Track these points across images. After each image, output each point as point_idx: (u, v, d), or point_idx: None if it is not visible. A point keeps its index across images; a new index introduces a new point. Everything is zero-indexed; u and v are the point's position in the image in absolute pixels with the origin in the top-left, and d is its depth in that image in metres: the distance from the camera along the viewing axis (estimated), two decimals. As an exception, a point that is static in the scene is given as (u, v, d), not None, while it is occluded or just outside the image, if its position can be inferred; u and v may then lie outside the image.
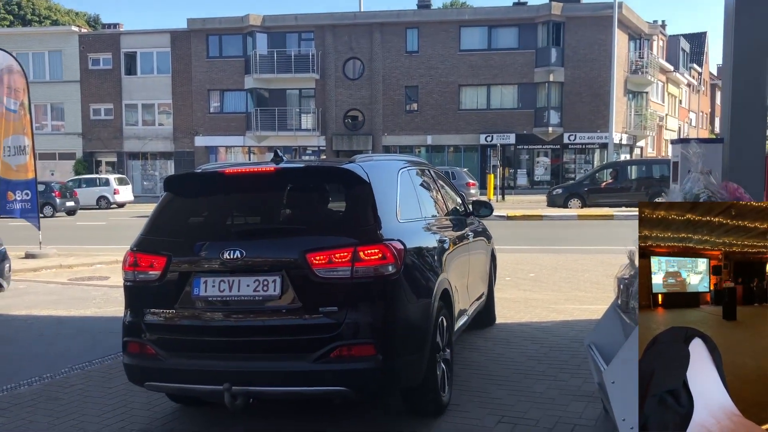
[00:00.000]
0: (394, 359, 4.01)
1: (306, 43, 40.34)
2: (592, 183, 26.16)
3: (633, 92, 41.22)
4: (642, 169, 26.57)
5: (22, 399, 5.25)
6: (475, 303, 6.25)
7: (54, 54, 42.83)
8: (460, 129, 38.93)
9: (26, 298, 9.74)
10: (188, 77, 41.45)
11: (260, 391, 4.02)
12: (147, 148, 42.78)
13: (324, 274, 3.94)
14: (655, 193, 24.95)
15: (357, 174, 4.30)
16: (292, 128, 40.69)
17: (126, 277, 4.39)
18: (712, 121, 68.54)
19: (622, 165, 27.32)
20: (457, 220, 6.02)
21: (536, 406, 4.73)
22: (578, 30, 37.41)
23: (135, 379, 4.34)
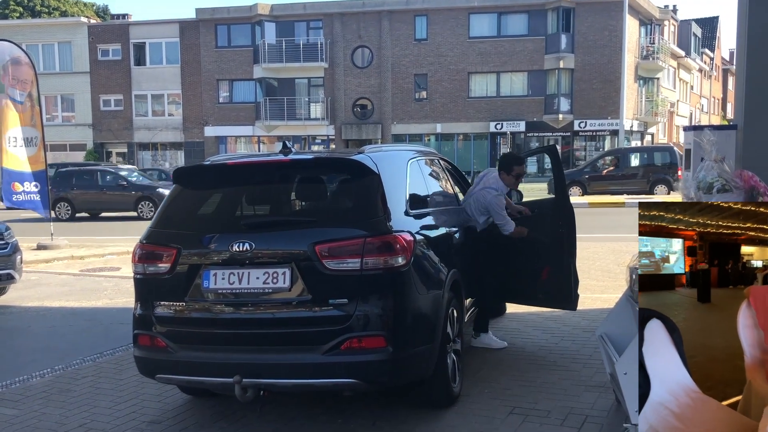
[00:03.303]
0: (404, 351, 4.00)
1: (314, 32, 40.21)
2: (593, 170, 25.92)
3: (644, 78, 40.88)
4: (644, 157, 26.30)
5: (35, 391, 5.28)
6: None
7: (63, 45, 42.90)
8: (470, 117, 38.76)
9: (38, 289, 9.80)
10: (197, 67, 41.44)
11: (270, 383, 4.00)
12: (157, 138, 42.87)
13: (333, 266, 3.92)
14: (657, 180, 24.76)
15: (366, 165, 4.26)
16: (301, 117, 40.64)
17: (136, 270, 4.39)
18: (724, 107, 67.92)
19: (624, 152, 27.06)
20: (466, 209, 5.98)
21: (548, 397, 4.71)
22: (588, 16, 37.08)
23: (146, 372, 4.35)
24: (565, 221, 5.66)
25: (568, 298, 5.72)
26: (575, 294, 5.77)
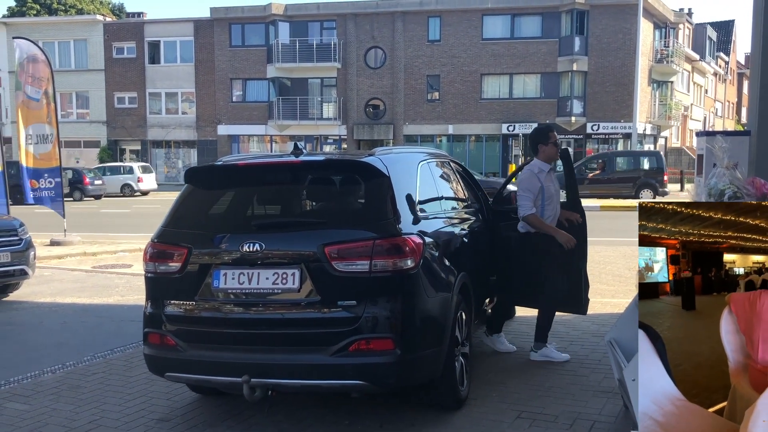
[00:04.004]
0: (412, 353, 4.01)
1: (328, 32, 40.26)
2: (579, 174, 25.85)
3: (657, 81, 40.64)
4: (630, 161, 26.36)
5: (46, 386, 5.33)
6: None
7: (79, 43, 43.21)
8: (482, 118, 38.68)
9: (51, 285, 9.88)
10: (211, 66, 41.61)
11: (279, 383, 4.03)
12: (170, 136, 43.09)
13: (342, 267, 3.94)
14: (643, 185, 24.67)
15: (376, 167, 4.28)
16: (314, 117, 40.71)
17: (147, 269, 4.42)
18: (738, 111, 67.40)
19: (610, 156, 27.09)
20: (477, 212, 5.98)
21: (555, 401, 4.70)
22: (602, 19, 36.92)
23: (155, 370, 4.38)
24: (577, 225, 5.65)
25: (579, 302, 5.70)
26: (586, 298, 5.75)
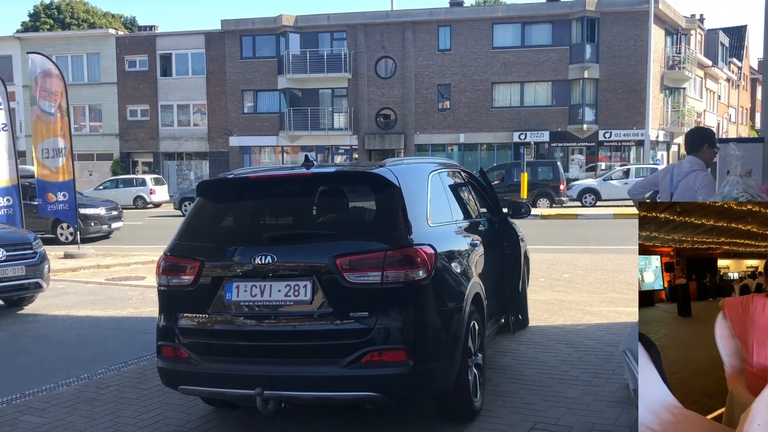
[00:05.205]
0: (425, 364, 3.99)
1: (338, 43, 40.43)
2: None
3: (670, 88, 40.48)
4: (528, 171, 26.59)
5: (61, 399, 5.35)
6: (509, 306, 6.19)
7: (92, 56, 43.63)
8: (493, 127, 38.65)
9: (65, 298, 9.95)
10: (222, 78, 41.88)
11: (292, 395, 4.03)
12: (182, 148, 43.34)
13: (354, 279, 3.94)
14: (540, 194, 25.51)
15: (387, 178, 4.28)
16: (325, 128, 40.83)
17: (160, 282, 4.44)
18: (752, 117, 66.96)
19: (509, 167, 27.47)
20: (489, 222, 5.97)
21: (570, 412, 4.67)
22: (613, 26, 36.85)
23: (169, 383, 4.39)
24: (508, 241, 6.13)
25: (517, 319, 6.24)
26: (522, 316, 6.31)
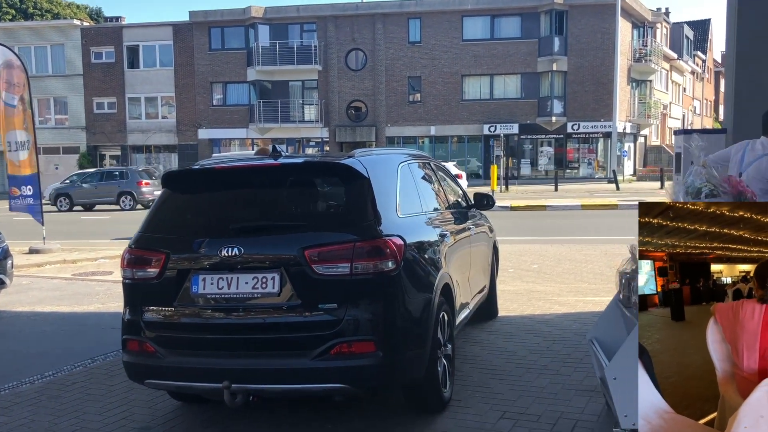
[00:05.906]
0: (394, 356, 3.99)
1: (308, 35, 40.22)
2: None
3: (637, 80, 41.02)
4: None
5: (25, 397, 5.24)
6: (477, 296, 6.22)
7: (56, 48, 42.81)
8: (464, 119, 38.82)
9: (30, 294, 9.75)
10: (191, 70, 41.40)
11: (260, 388, 4.00)
12: (150, 141, 42.79)
13: (323, 270, 3.91)
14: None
15: (356, 169, 4.26)
16: (295, 120, 40.63)
17: (125, 275, 4.38)
18: (716, 109, 68.19)
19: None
20: (458, 213, 5.98)
21: (538, 401, 4.71)
22: (581, 19, 37.20)
23: (134, 377, 4.33)
24: None
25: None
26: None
